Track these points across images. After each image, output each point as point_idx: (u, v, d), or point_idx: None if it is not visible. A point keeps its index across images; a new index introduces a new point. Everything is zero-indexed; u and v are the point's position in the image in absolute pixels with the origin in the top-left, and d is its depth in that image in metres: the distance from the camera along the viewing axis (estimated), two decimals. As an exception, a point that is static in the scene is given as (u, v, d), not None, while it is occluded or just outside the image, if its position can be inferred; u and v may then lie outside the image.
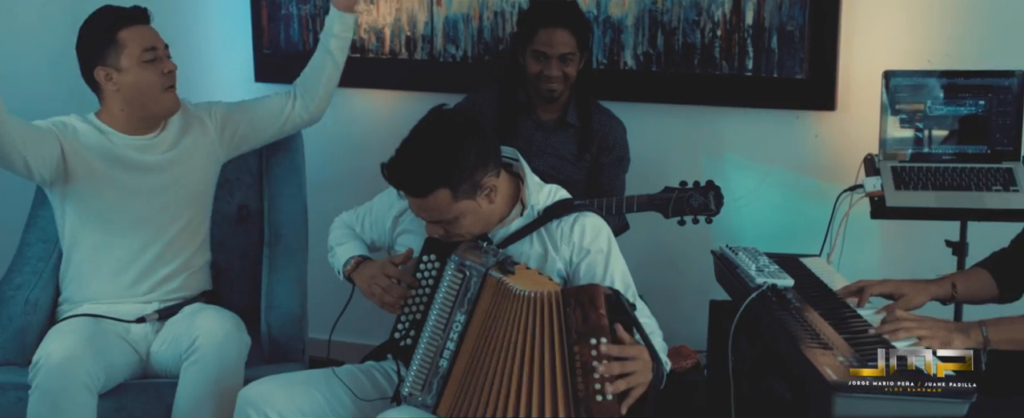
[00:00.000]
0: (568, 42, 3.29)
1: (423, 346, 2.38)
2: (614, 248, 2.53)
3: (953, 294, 2.60)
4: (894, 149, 3.16)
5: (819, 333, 2.31)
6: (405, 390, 2.39)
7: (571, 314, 2.22)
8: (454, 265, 2.37)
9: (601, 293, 2.22)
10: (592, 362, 2.19)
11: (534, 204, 2.52)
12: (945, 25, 3.42)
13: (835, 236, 3.11)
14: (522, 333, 2.27)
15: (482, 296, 2.34)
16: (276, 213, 3.23)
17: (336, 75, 3.31)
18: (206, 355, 2.74)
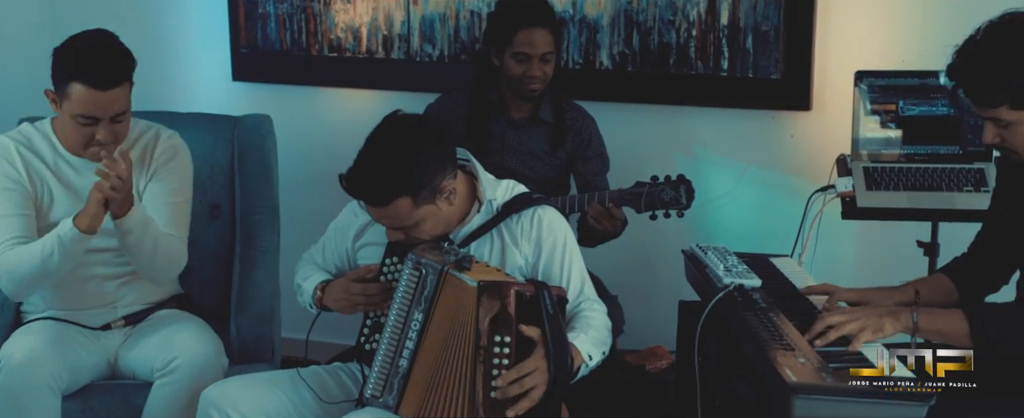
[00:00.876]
0: (548, 41, 3.30)
1: (383, 346, 2.38)
2: (571, 243, 2.55)
3: (917, 301, 2.58)
4: (866, 149, 3.16)
5: (783, 334, 2.30)
6: (367, 392, 2.39)
7: (481, 306, 2.26)
8: (411, 264, 2.37)
9: (511, 291, 2.24)
10: (492, 360, 2.25)
11: (491, 199, 2.52)
12: (919, 25, 3.42)
13: (806, 236, 3.11)
14: (457, 324, 2.31)
15: (440, 294, 2.34)
16: (248, 213, 3.22)
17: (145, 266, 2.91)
18: (182, 378, 2.71)
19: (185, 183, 3.01)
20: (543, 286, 2.30)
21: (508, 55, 3.31)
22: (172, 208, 2.92)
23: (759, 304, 2.49)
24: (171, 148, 2.98)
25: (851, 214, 3.06)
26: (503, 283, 2.27)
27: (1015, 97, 2.24)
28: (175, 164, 2.97)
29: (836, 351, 2.23)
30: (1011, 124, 2.28)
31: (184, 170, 3.01)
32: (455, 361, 2.31)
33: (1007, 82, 2.23)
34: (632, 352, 3.68)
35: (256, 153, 3.29)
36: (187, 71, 4.25)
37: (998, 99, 2.25)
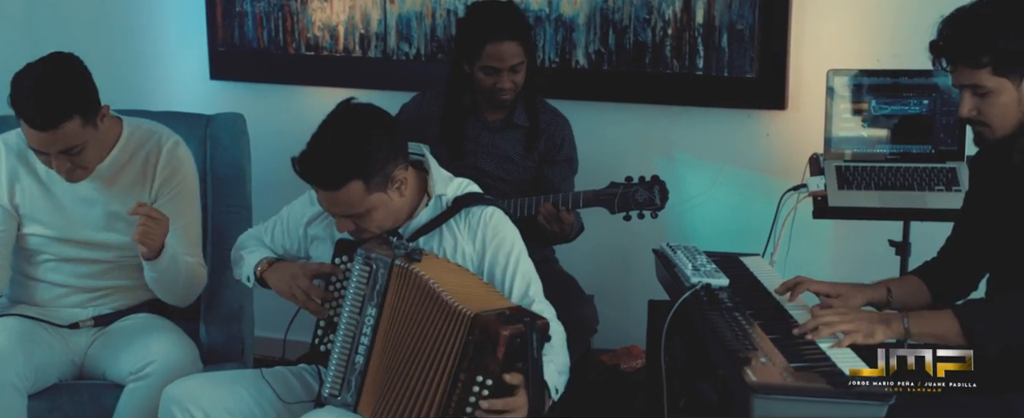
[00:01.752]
0: (516, 53, 3.26)
1: (338, 344, 2.37)
2: (517, 246, 2.52)
3: (889, 299, 2.59)
4: (839, 148, 3.15)
5: (747, 334, 2.30)
6: (326, 391, 2.38)
7: (470, 342, 2.21)
8: (361, 258, 2.36)
9: (504, 339, 2.19)
10: (469, 397, 2.22)
11: (441, 194, 2.51)
12: (893, 25, 3.42)
13: (778, 236, 3.10)
14: (428, 333, 2.28)
15: (391, 287, 2.32)
16: (220, 212, 3.21)
17: (170, 296, 2.94)
18: (156, 382, 2.68)
19: (194, 198, 2.98)
20: (532, 324, 2.24)
21: (478, 67, 3.28)
22: (185, 230, 2.90)
23: (725, 303, 2.49)
24: (175, 160, 2.93)
25: (822, 213, 3.06)
26: (497, 327, 2.20)
27: (999, 59, 2.24)
28: (181, 179, 2.93)
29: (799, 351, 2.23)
30: (989, 93, 2.28)
31: (191, 184, 2.97)
32: (425, 368, 2.28)
33: (993, 42, 2.24)
34: (607, 352, 3.68)
35: (229, 152, 3.28)
36: (165, 69, 4.24)
37: (982, 60, 2.25)
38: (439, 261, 2.41)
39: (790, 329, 2.37)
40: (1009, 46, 2.24)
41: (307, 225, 2.61)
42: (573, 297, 3.39)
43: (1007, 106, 2.28)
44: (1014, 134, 2.33)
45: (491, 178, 3.42)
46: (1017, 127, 2.31)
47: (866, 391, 2.04)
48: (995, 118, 2.31)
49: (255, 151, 3.63)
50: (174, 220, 2.82)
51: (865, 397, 2.03)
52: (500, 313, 2.24)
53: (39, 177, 2.88)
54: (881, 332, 2.28)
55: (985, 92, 2.29)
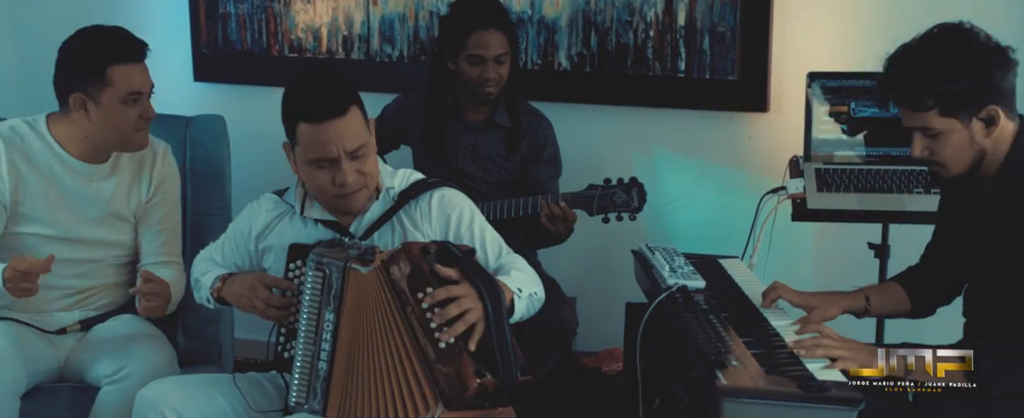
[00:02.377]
0: (502, 42, 3.27)
1: (300, 352, 2.36)
2: (476, 215, 2.54)
3: (867, 307, 2.58)
4: (819, 151, 3.15)
5: (721, 337, 2.30)
6: (292, 400, 2.37)
7: (393, 279, 2.25)
8: (313, 264, 2.35)
9: (414, 247, 2.27)
10: (425, 315, 2.25)
11: (389, 187, 2.51)
12: (876, 27, 3.42)
13: (757, 238, 3.10)
14: (378, 316, 2.30)
15: (347, 290, 2.32)
16: (199, 214, 3.20)
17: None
18: (131, 386, 2.66)
19: (179, 202, 3.07)
20: (444, 242, 2.32)
21: (462, 58, 3.28)
22: (169, 232, 2.98)
23: (701, 306, 2.48)
24: (168, 166, 3.02)
25: (801, 216, 3.05)
26: (404, 246, 2.29)
27: (945, 101, 2.24)
28: (172, 185, 3.02)
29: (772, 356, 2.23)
30: (939, 134, 2.27)
31: (178, 190, 3.06)
32: (380, 348, 2.29)
33: (938, 84, 2.23)
34: (589, 354, 3.68)
35: (208, 154, 3.27)
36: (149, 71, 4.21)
37: (928, 103, 2.25)
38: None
39: (765, 333, 2.37)
40: (953, 87, 2.23)
41: (256, 238, 2.59)
42: (553, 299, 3.35)
43: (959, 146, 2.28)
44: (970, 171, 2.32)
45: (472, 179, 3.42)
46: (973, 165, 2.31)
47: (836, 396, 2.03)
48: (948, 158, 2.30)
49: (238, 152, 3.63)
50: (163, 222, 2.93)
51: (835, 402, 2.03)
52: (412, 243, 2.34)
53: (41, 172, 2.87)
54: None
55: (935, 133, 2.28)
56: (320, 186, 2.40)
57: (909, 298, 2.60)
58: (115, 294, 2.97)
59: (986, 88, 2.24)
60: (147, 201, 2.95)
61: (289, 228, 2.56)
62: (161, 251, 2.96)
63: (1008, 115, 2.29)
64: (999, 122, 2.27)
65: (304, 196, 2.51)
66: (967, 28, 2.28)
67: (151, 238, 2.95)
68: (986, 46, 2.25)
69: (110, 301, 2.96)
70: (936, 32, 2.29)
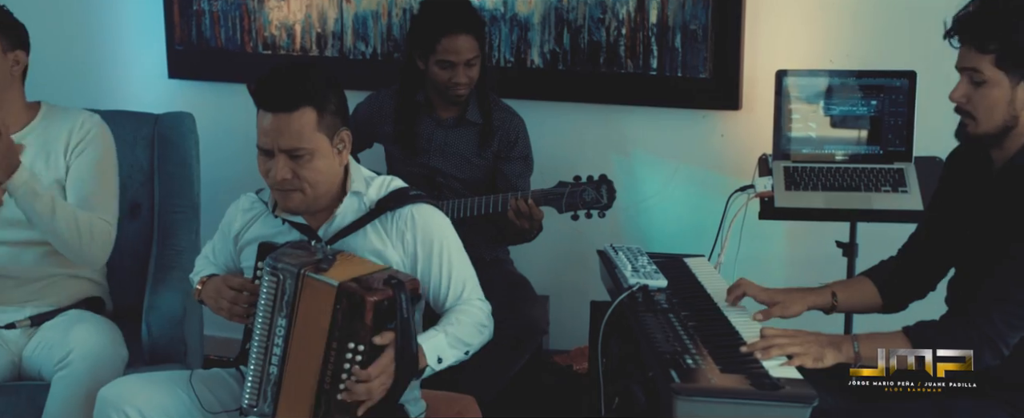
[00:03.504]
0: (471, 46, 3.26)
1: (253, 354, 2.34)
2: (449, 242, 2.47)
3: (834, 304, 2.56)
4: (787, 149, 3.14)
5: (678, 335, 2.29)
6: (244, 402, 2.36)
7: (338, 310, 2.22)
8: (268, 269, 2.32)
9: (371, 305, 2.20)
10: (343, 364, 2.23)
11: (359, 191, 2.45)
12: (846, 25, 3.42)
13: (725, 237, 3.09)
14: (319, 326, 2.28)
15: (301, 297, 2.29)
16: (166, 211, 3.19)
17: (58, 241, 2.86)
18: (78, 369, 2.68)
19: (109, 165, 2.97)
20: (400, 287, 2.24)
21: (432, 61, 3.27)
22: (92, 185, 2.88)
23: (661, 305, 2.48)
24: (95, 125, 2.97)
25: (768, 214, 3.04)
26: (362, 292, 2.21)
27: (1006, 51, 2.21)
28: (95, 141, 2.95)
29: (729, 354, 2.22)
30: (984, 83, 2.24)
31: (106, 150, 2.97)
32: (312, 357, 2.28)
33: (1008, 32, 2.20)
34: (561, 353, 3.67)
35: (177, 151, 3.26)
36: (123, 68, 4.22)
37: (990, 46, 2.22)
38: (355, 261, 2.37)
39: (724, 332, 2.36)
40: (1020, 40, 2.20)
41: (235, 237, 2.57)
42: (524, 298, 3.38)
43: (997, 101, 2.24)
44: (997, 134, 2.29)
45: (444, 176, 3.41)
46: (1001, 127, 2.27)
47: (790, 393, 2.03)
48: (982, 111, 2.26)
49: (213, 150, 3.63)
50: (80, 173, 2.86)
51: (789, 399, 2.02)
52: (366, 279, 2.25)
53: None
54: (831, 356, 2.25)
55: (981, 81, 2.25)
56: (262, 173, 2.39)
57: (879, 293, 2.58)
58: (65, 290, 2.95)
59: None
60: (69, 158, 2.90)
61: (263, 227, 2.54)
62: (83, 203, 2.86)
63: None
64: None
65: None
66: None
67: (77, 188, 2.87)
68: None
69: (60, 298, 2.94)
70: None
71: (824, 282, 2.66)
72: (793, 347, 2.23)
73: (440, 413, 2.64)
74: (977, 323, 2.20)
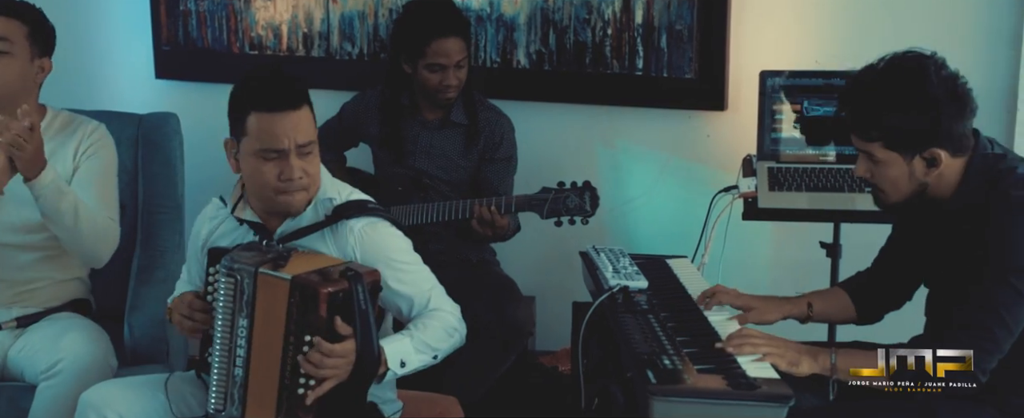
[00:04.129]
0: (461, 48, 3.25)
1: (217, 358, 2.33)
2: (402, 258, 2.42)
3: (809, 313, 2.56)
4: (772, 150, 3.14)
5: (656, 336, 2.28)
6: (210, 407, 2.34)
7: (293, 304, 2.21)
8: (224, 270, 2.31)
9: (324, 296, 2.18)
10: (298, 356, 2.22)
11: (330, 198, 2.44)
12: (832, 26, 3.42)
13: (709, 237, 3.09)
14: (277, 325, 2.26)
15: (259, 296, 2.28)
16: (150, 212, 3.18)
17: (74, 239, 2.86)
18: (67, 379, 2.65)
19: (111, 169, 2.99)
20: (357, 279, 2.22)
21: (421, 66, 3.26)
22: (101, 188, 2.90)
23: (640, 306, 2.48)
24: (97, 135, 2.98)
25: (752, 215, 3.04)
26: (315, 284, 2.20)
27: (888, 136, 2.23)
28: (100, 148, 2.96)
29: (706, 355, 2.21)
30: (880, 163, 2.27)
31: (110, 157, 2.99)
32: (273, 355, 2.27)
33: (883, 118, 2.22)
34: (547, 353, 3.67)
35: (161, 152, 3.25)
36: (110, 68, 4.21)
37: (872, 133, 2.25)
38: (310, 257, 2.35)
39: (702, 332, 2.36)
40: (897, 123, 2.22)
41: (202, 248, 2.54)
42: (510, 299, 3.37)
43: (898, 178, 2.27)
44: (909, 200, 2.31)
45: (430, 178, 3.41)
46: (912, 194, 2.30)
47: (766, 393, 2.03)
48: (887, 186, 2.30)
49: (199, 150, 3.62)
50: (91, 175, 2.87)
51: (765, 399, 2.02)
52: (323, 271, 2.23)
53: None
54: (807, 364, 2.25)
55: (876, 161, 2.28)
56: (264, 180, 2.34)
57: (854, 305, 2.58)
58: (54, 293, 2.94)
59: (932, 131, 2.22)
60: (75, 167, 2.90)
61: (228, 232, 2.53)
62: (96, 202, 2.87)
63: (954, 155, 2.25)
64: (940, 164, 2.24)
65: (239, 197, 2.48)
66: (929, 64, 2.22)
67: (85, 188, 2.87)
68: (942, 87, 2.20)
69: (47, 300, 2.93)
70: (898, 62, 2.24)
71: (800, 290, 2.67)
72: (768, 348, 2.23)
73: (421, 413, 2.63)
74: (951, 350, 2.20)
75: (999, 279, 2.18)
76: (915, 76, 2.21)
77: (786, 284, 3.13)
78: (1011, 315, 2.19)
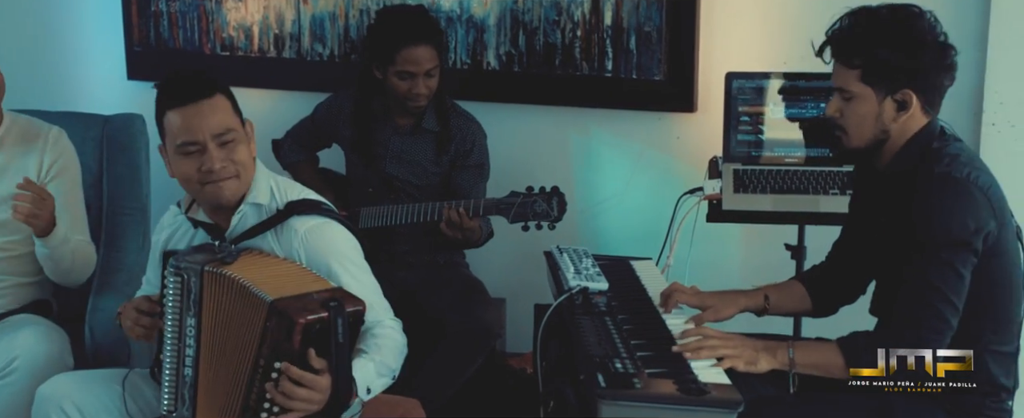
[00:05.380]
0: (431, 57, 3.23)
1: (167, 359, 2.32)
2: (350, 262, 2.40)
3: (766, 306, 2.57)
4: (737, 152, 3.13)
5: (611, 339, 2.28)
6: (163, 409, 2.33)
7: (268, 328, 2.15)
8: (172, 269, 2.30)
9: (300, 326, 2.12)
10: (267, 382, 2.16)
11: (258, 202, 2.41)
12: (801, 27, 3.37)
13: (673, 239, 3.08)
14: (241, 329, 2.22)
15: (205, 294, 2.26)
16: (114, 214, 3.17)
17: (60, 271, 2.95)
18: (22, 377, 2.65)
19: (78, 182, 3.03)
20: (339, 310, 2.16)
21: (391, 72, 3.24)
22: (73, 209, 2.94)
23: (598, 307, 2.47)
24: (60, 146, 2.99)
25: (716, 217, 3.04)
26: (293, 313, 2.13)
27: (869, 66, 2.26)
28: (66, 162, 2.98)
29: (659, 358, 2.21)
30: (853, 98, 2.30)
31: (75, 169, 3.03)
32: (238, 366, 2.24)
33: (870, 47, 2.25)
34: (516, 355, 3.66)
35: (125, 153, 3.24)
36: (83, 69, 4.21)
37: (855, 61, 2.28)
38: (259, 258, 2.34)
39: (659, 336, 2.35)
40: (882, 56, 2.25)
41: (163, 251, 2.51)
42: (479, 301, 3.36)
43: (865, 117, 2.30)
44: (869, 149, 2.34)
45: (401, 183, 3.39)
46: (872, 141, 2.33)
47: (715, 399, 2.02)
48: (852, 126, 2.33)
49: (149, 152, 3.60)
50: (63, 198, 2.87)
51: (714, 405, 2.01)
52: (304, 297, 2.17)
53: None
54: (765, 361, 2.27)
55: (850, 96, 2.30)
56: (187, 175, 2.33)
57: (810, 296, 2.58)
58: (16, 295, 2.93)
59: (911, 71, 2.26)
60: (42, 181, 2.89)
61: (184, 237, 2.52)
62: (72, 228, 2.91)
63: (923, 108, 2.30)
64: (910, 109, 2.28)
65: (193, 199, 2.47)
66: (925, 14, 2.29)
67: (58, 212, 2.83)
68: (930, 35, 2.27)
69: (9, 303, 2.92)
70: (895, 5, 2.30)
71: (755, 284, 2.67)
72: (725, 349, 2.23)
73: (380, 414, 2.61)
74: (903, 333, 2.22)
75: (931, 257, 2.21)
76: (910, 18, 2.27)
77: (751, 286, 3.12)
78: (951, 289, 2.21)
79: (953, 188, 2.21)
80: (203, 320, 2.27)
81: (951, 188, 2.21)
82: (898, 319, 2.24)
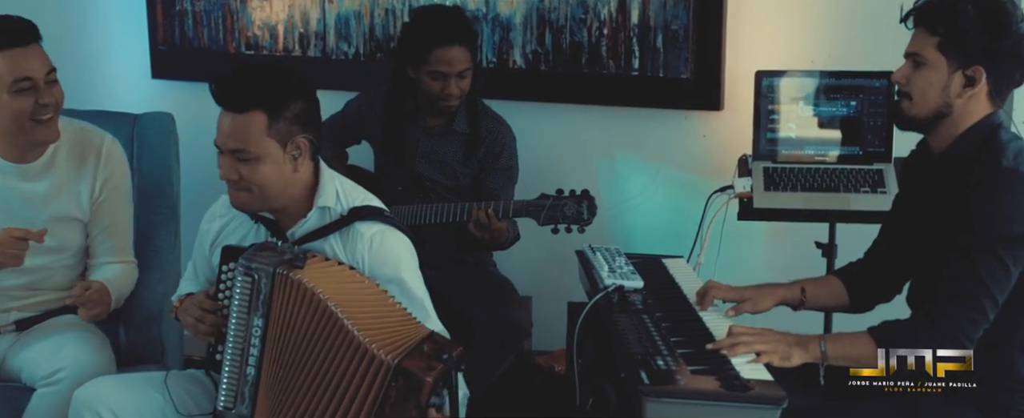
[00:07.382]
0: (464, 58, 3.23)
1: (228, 356, 2.33)
2: (408, 274, 2.43)
3: (803, 299, 2.57)
4: (767, 150, 3.14)
5: (651, 336, 2.28)
6: (220, 404, 2.34)
7: (392, 388, 2.19)
8: (242, 269, 2.31)
9: (428, 386, 2.17)
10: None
11: (327, 206, 2.44)
12: (828, 26, 3.41)
13: (704, 238, 3.09)
14: (325, 350, 2.24)
15: (274, 297, 2.28)
16: (146, 212, 3.18)
17: None
18: (66, 388, 2.62)
19: (129, 197, 3.03)
20: (452, 362, 2.22)
21: (424, 72, 3.24)
22: (121, 231, 2.95)
23: (635, 306, 2.47)
24: (114, 160, 2.96)
25: (747, 215, 3.04)
26: (422, 374, 2.17)
27: (948, 36, 2.27)
28: (120, 179, 2.97)
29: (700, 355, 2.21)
30: (923, 65, 2.31)
31: (127, 183, 3.01)
32: (327, 388, 2.25)
33: (955, 18, 2.26)
34: (544, 353, 3.67)
35: (156, 152, 3.25)
36: (107, 68, 4.22)
37: (937, 28, 2.28)
38: (324, 265, 2.36)
39: (697, 333, 2.35)
40: (965, 27, 2.26)
41: (211, 246, 2.54)
42: (507, 300, 3.37)
43: (932, 84, 2.30)
44: (930, 119, 2.33)
45: (431, 183, 3.40)
46: (934, 112, 2.32)
47: (759, 395, 2.02)
48: (917, 91, 2.32)
49: (195, 151, 3.60)
50: (113, 218, 2.88)
51: (758, 401, 2.02)
52: (418, 352, 2.21)
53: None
54: (798, 355, 2.26)
55: (921, 63, 2.31)
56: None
57: (847, 293, 2.59)
58: (57, 297, 2.92)
59: (988, 49, 2.27)
60: (95, 200, 2.90)
61: (238, 229, 2.53)
62: (112, 251, 2.94)
63: (990, 94, 2.30)
64: (977, 86, 2.29)
65: None
66: (1018, 6, 2.31)
67: (103, 240, 2.92)
68: (1016, 24, 2.27)
69: (48, 307, 2.92)
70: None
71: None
72: (759, 345, 2.24)
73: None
74: (938, 321, 2.22)
75: (986, 249, 2.21)
76: (1002, 3, 2.29)
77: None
78: (997, 286, 2.22)
79: (1020, 185, 2.22)
80: (271, 322, 2.28)
81: (1017, 184, 2.22)
82: (938, 306, 2.24)
